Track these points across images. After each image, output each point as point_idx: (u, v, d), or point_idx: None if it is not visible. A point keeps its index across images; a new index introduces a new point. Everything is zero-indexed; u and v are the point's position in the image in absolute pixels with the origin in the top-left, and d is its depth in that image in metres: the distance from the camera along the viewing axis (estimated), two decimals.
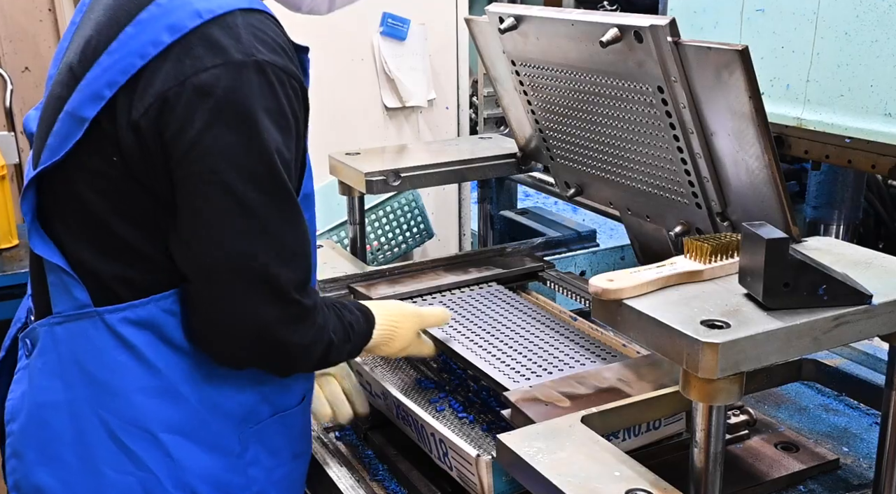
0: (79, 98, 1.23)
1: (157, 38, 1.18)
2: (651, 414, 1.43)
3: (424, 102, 2.53)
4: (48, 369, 1.31)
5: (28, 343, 1.35)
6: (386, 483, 1.61)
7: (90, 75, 1.22)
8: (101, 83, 1.20)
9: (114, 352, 1.29)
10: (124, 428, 1.30)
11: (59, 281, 1.29)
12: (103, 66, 1.21)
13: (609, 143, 1.76)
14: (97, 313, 1.28)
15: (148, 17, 1.20)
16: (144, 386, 1.30)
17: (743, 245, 1.15)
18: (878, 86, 1.62)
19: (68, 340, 1.30)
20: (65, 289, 1.29)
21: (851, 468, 1.50)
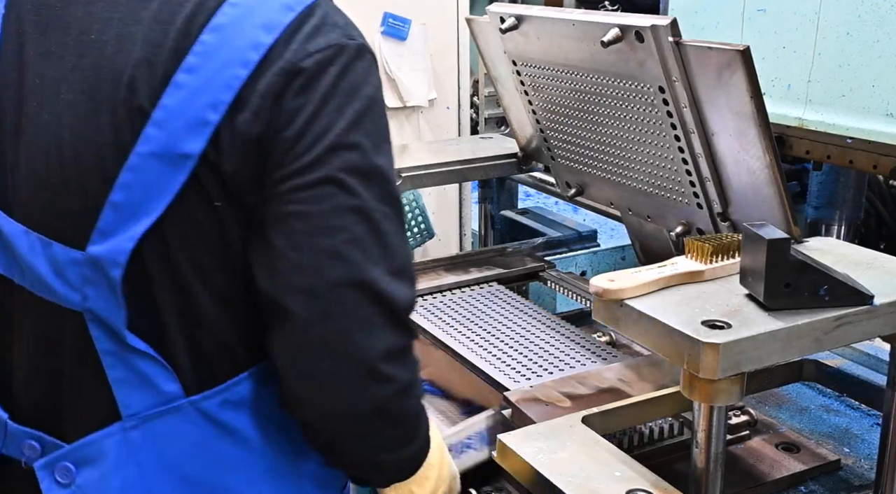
0: (165, 133, 0.98)
1: (255, 41, 0.99)
2: (652, 415, 1.43)
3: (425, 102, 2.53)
4: (129, 485, 1.05)
5: (69, 466, 1.06)
6: None
7: (170, 102, 0.98)
8: (200, 106, 0.97)
9: (215, 444, 1.06)
10: None
11: (135, 375, 1.04)
12: (191, 87, 0.98)
13: (610, 143, 1.76)
14: (191, 403, 1.04)
15: (229, 20, 1.00)
16: (253, 473, 1.09)
17: (744, 245, 1.14)
18: (879, 86, 1.62)
19: (151, 444, 1.05)
20: (144, 383, 1.04)
21: (852, 468, 1.50)
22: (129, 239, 1.00)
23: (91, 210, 1.00)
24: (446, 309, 1.87)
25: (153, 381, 1.04)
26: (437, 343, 1.75)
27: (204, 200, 1.00)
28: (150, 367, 1.04)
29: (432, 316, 1.85)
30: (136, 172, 0.98)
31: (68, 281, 1.03)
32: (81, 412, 1.07)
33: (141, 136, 0.98)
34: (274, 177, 0.99)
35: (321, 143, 0.99)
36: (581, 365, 1.61)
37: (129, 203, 0.99)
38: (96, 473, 1.05)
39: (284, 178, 0.99)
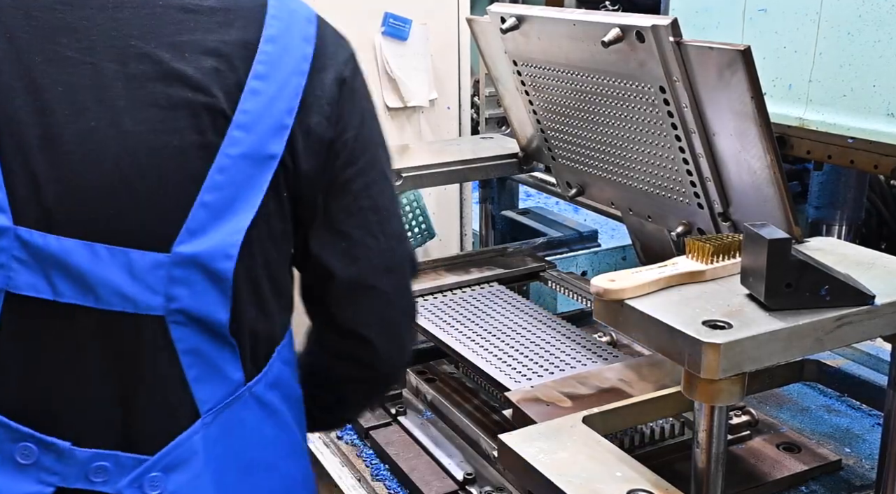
0: (253, 136, 1.03)
1: (303, 52, 1.09)
2: (653, 415, 1.43)
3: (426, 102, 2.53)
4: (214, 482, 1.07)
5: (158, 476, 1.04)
6: (387, 482, 1.61)
7: (251, 107, 1.04)
8: (279, 112, 1.05)
9: (265, 427, 1.12)
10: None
11: (210, 368, 1.06)
12: (266, 93, 1.05)
13: (611, 143, 1.76)
14: (248, 390, 1.08)
15: (277, 32, 1.08)
16: (288, 450, 1.16)
17: (745, 245, 1.14)
18: (880, 86, 1.62)
19: (224, 436, 1.07)
20: (217, 376, 1.06)
21: (853, 469, 1.50)
22: (235, 232, 1.04)
23: (175, 212, 1.01)
24: (447, 310, 1.88)
25: (224, 372, 1.06)
26: (438, 343, 1.75)
27: (277, 198, 1.07)
28: (227, 358, 1.06)
29: (433, 316, 1.85)
30: (227, 173, 1.03)
31: (149, 285, 1.01)
32: (156, 419, 1.05)
33: (226, 138, 1.02)
34: (342, 175, 1.12)
35: (372, 143, 1.16)
36: (582, 365, 1.61)
37: (220, 202, 1.02)
38: (186, 475, 1.05)
39: (354, 176, 1.13)
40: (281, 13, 1.09)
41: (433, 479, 1.57)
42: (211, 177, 1.02)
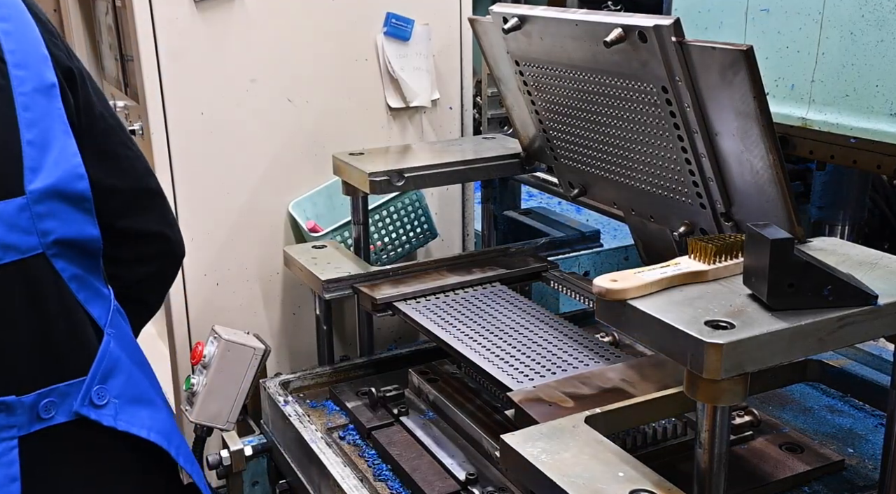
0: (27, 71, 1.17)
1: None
2: (655, 415, 1.43)
3: (428, 102, 2.53)
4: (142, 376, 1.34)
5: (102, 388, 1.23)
6: (389, 482, 1.61)
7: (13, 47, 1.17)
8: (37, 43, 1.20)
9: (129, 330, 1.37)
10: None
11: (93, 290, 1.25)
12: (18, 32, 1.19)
13: (613, 144, 1.76)
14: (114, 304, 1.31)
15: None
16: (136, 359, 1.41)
17: (747, 245, 1.14)
18: (883, 86, 1.62)
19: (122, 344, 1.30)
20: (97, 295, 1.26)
21: (856, 469, 1.50)
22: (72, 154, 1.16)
23: (11, 157, 1.10)
24: (449, 310, 1.87)
25: (100, 290, 1.22)
26: (440, 343, 1.75)
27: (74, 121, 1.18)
28: (98, 277, 1.22)
29: (435, 316, 1.85)
30: (31, 109, 1.12)
31: (23, 228, 1.10)
32: (74, 345, 1.19)
33: (12, 79, 1.11)
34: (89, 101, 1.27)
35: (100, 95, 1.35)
36: (584, 365, 1.61)
37: (40, 136, 1.12)
38: (121, 378, 1.23)
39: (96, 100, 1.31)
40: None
41: (435, 479, 1.56)
42: (21, 117, 1.10)
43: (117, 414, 1.22)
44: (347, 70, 2.37)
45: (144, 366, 1.37)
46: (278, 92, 2.28)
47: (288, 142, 2.33)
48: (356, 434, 1.77)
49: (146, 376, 1.36)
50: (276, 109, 2.29)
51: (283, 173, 2.32)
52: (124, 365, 1.27)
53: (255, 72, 2.23)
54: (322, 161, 2.33)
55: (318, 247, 2.14)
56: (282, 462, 1.89)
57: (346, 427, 1.80)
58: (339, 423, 1.83)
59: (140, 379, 1.32)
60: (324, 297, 1.97)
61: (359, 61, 2.38)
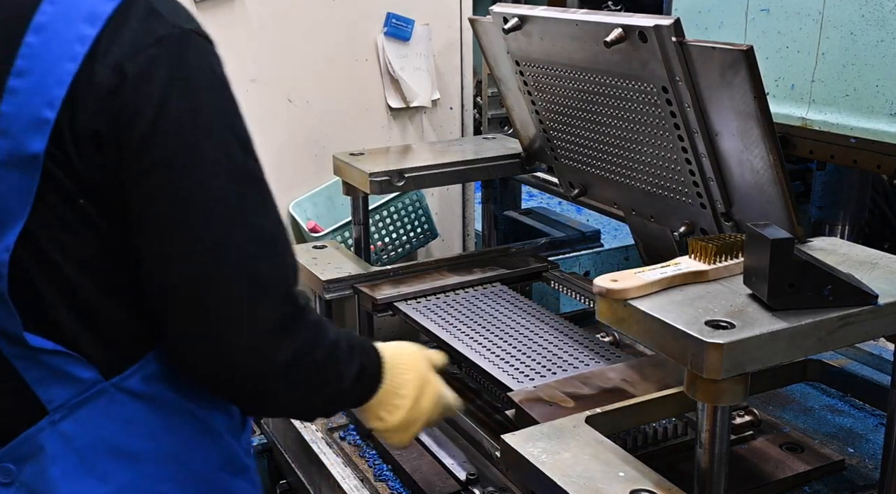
0: (8, 139, 1.00)
1: (80, 34, 1.00)
2: (656, 415, 1.43)
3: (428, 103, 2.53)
4: (70, 472, 1.10)
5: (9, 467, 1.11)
6: (390, 482, 1.61)
7: (8, 109, 1.00)
8: (36, 106, 0.99)
9: (149, 417, 1.12)
10: (188, 489, 1.16)
11: (49, 371, 1.08)
12: (24, 90, 1.00)
13: (613, 144, 1.76)
14: (113, 385, 1.10)
15: (49, 18, 1.02)
16: (187, 435, 1.15)
17: (748, 245, 1.14)
18: (883, 86, 1.62)
19: (85, 430, 1.10)
20: (60, 377, 1.08)
21: (857, 469, 1.50)
22: (4, 250, 1.03)
23: None
24: (449, 310, 1.88)
25: (69, 373, 1.08)
26: (440, 343, 1.75)
27: (66, 199, 1.03)
28: (62, 361, 1.08)
29: (436, 316, 1.85)
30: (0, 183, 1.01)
31: None
32: (9, 415, 1.11)
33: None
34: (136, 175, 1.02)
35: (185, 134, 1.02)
36: (584, 365, 1.61)
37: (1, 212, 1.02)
38: (36, 467, 1.10)
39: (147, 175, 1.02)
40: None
41: (436, 480, 1.57)
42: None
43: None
44: (348, 70, 2.38)
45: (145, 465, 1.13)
46: (278, 92, 2.29)
47: (288, 143, 2.33)
48: (356, 435, 1.77)
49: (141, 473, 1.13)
50: (277, 109, 2.29)
51: (283, 173, 2.33)
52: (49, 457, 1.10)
53: (255, 72, 2.23)
54: (322, 161, 2.33)
55: (319, 247, 2.15)
56: (282, 462, 1.89)
57: (347, 428, 1.80)
58: (339, 423, 1.83)
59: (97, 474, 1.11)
60: (324, 297, 1.98)
61: (359, 61, 2.39)
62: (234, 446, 1.21)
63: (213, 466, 1.19)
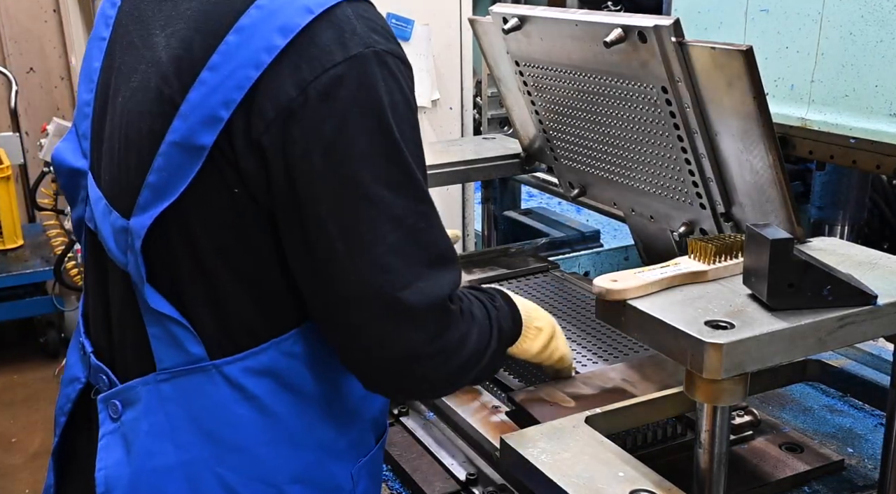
0: (187, 125, 1.07)
1: (269, 43, 1.04)
2: (655, 415, 1.43)
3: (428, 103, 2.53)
4: (155, 431, 1.17)
5: (118, 405, 1.21)
6: (390, 482, 1.61)
7: (194, 97, 1.07)
8: (215, 103, 1.05)
9: (235, 406, 1.17)
10: (249, 485, 1.19)
11: (167, 334, 1.15)
12: (210, 84, 1.06)
13: (613, 144, 1.76)
14: (214, 366, 1.15)
15: (251, 21, 1.05)
16: (268, 438, 1.19)
17: (747, 245, 1.14)
18: (882, 86, 1.62)
19: (179, 398, 1.17)
20: (174, 343, 1.15)
21: (856, 469, 1.50)
22: (151, 216, 1.11)
23: (135, 187, 1.13)
24: None
25: (181, 342, 1.15)
26: None
27: (222, 187, 1.09)
28: (178, 330, 1.15)
29: None
30: (166, 158, 1.09)
31: (119, 244, 1.16)
32: (131, 360, 1.21)
33: (171, 126, 1.08)
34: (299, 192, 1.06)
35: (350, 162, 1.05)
36: (583, 366, 1.61)
37: (160, 184, 1.10)
38: (134, 414, 1.19)
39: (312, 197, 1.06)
40: (273, 2, 1.06)
41: (435, 479, 1.57)
42: (156, 161, 1.10)
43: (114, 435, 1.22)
44: None
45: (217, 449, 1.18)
46: None
47: None
48: None
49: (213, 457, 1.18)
50: None
51: None
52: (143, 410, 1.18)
53: None
54: None
55: None
56: None
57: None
58: None
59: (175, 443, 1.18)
60: None
61: None
62: (329, 465, 1.25)
63: (285, 476, 1.21)
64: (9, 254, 4.83)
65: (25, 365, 4.86)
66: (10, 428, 4.27)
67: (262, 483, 1.19)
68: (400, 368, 1.14)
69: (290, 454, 1.20)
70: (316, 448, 1.22)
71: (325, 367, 1.21)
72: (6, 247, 4.85)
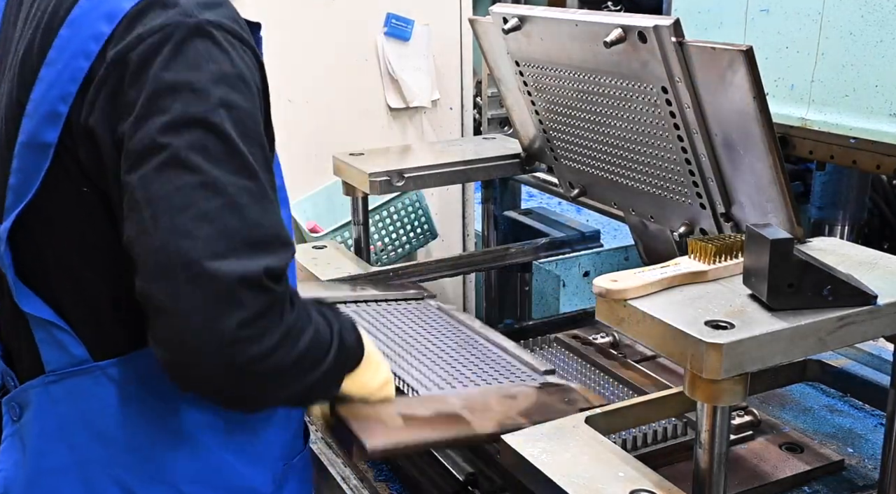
0: (32, 123, 1.08)
1: (96, 32, 1.04)
2: (655, 415, 1.43)
3: (428, 103, 2.53)
4: (47, 432, 1.17)
5: (16, 407, 1.20)
6: (390, 483, 1.61)
7: (36, 95, 1.07)
8: (53, 98, 1.05)
9: (124, 407, 1.15)
10: (144, 486, 1.17)
11: (50, 337, 1.14)
12: (48, 80, 1.06)
13: (613, 144, 1.76)
14: (98, 368, 1.14)
15: (81, 12, 1.06)
16: (164, 439, 1.16)
17: (747, 245, 1.14)
18: (882, 86, 1.62)
19: (68, 399, 1.16)
20: (58, 346, 1.14)
21: (856, 469, 1.50)
22: (10, 219, 1.12)
23: (3, 193, 1.14)
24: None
25: (64, 345, 1.15)
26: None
27: (72, 185, 1.09)
28: (58, 332, 1.14)
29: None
30: (20, 159, 1.10)
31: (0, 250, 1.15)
32: (27, 362, 1.20)
33: (20, 127, 1.09)
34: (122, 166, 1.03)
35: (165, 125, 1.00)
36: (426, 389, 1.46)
37: (18, 186, 1.11)
38: (28, 416, 1.19)
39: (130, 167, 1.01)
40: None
41: (436, 480, 1.57)
42: (13, 163, 1.11)
43: None
44: (348, 70, 2.38)
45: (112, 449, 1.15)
46: (278, 92, 2.28)
47: (288, 143, 2.32)
48: None
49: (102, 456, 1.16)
50: (277, 109, 2.27)
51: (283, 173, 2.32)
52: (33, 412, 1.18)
53: None
54: (322, 161, 2.33)
55: (319, 248, 2.15)
56: None
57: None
58: None
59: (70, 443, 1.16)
60: None
61: (359, 62, 2.39)
62: (240, 467, 1.20)
63: (186, 477, 1.18)
64: None
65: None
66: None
67: (160, 483, 1.17)
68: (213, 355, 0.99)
69: (188, 455, 1.17)
70: (222, 450, 1.18)
71: None
72: None
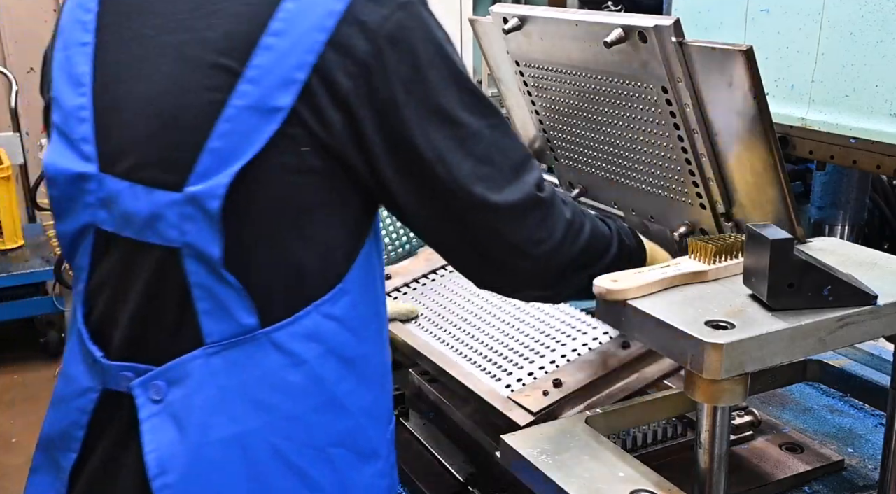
0: (259, 89, 1.13)
1: (330, 8, 1.14)
2: (655, 415, 1.43)
3: None
4: (208, 405, 1.18)
5: (161, 385, 1.20)
6: None
7: (262, 62, 1.13)
8: (288, 67, 1.12)
9: (285, 373, 1.19)
10: (300, 452, 1.21)
11: (218, 306, 1.17)
12: (279, 49, 1.13)
13: (613, 144, 1.76)
14: (265, 335, 1.17)
15: None
16: (316, 403, 1.22)
17: (747, 245, 1.14)
18: (882, 86, 1.62)
19: (229, 369, 1.18)
20: (225, 315, 1.17)
21: (856, 469, 1.50)
22: (227, 175, 1.13)
23: (189, 158, 1.14)
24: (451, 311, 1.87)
25: (234, 314, 1.17)
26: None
27: (293, 148, 1.14)
28: (234, 300, 1.16)
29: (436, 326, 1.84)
30: (233, 122, 1.13)
31: (168, 220, 1.16)
32: (173, 340, 1.20)
33: (235, 92, 1.13)
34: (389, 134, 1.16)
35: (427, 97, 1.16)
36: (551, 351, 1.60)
37: (225, 149, 1.13)
38: (182, 391, 1.18)
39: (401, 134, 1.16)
40: None
41: (436, 480, 1.57)
42: (218, 127, 1.13)
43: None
44: None
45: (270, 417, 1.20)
46: None
47: None
48: None
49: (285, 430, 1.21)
50: None
51: None
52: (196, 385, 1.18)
53: None
54: None
55: None
56: None
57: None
58: None
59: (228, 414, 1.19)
60: None
61: None
62: (368, 429, 1.28)
63: (330, 440, 1.24)
64: (9, 254, 4.83)
65: (26, 365, 4.86)
66: (11, 428, 4.27)
67: (311, 448, 1.22)
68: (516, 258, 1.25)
69: (334, 418, 1.24)
70: (357, 412, 1.26)
71: (363, 332, 1.25)
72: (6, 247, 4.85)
